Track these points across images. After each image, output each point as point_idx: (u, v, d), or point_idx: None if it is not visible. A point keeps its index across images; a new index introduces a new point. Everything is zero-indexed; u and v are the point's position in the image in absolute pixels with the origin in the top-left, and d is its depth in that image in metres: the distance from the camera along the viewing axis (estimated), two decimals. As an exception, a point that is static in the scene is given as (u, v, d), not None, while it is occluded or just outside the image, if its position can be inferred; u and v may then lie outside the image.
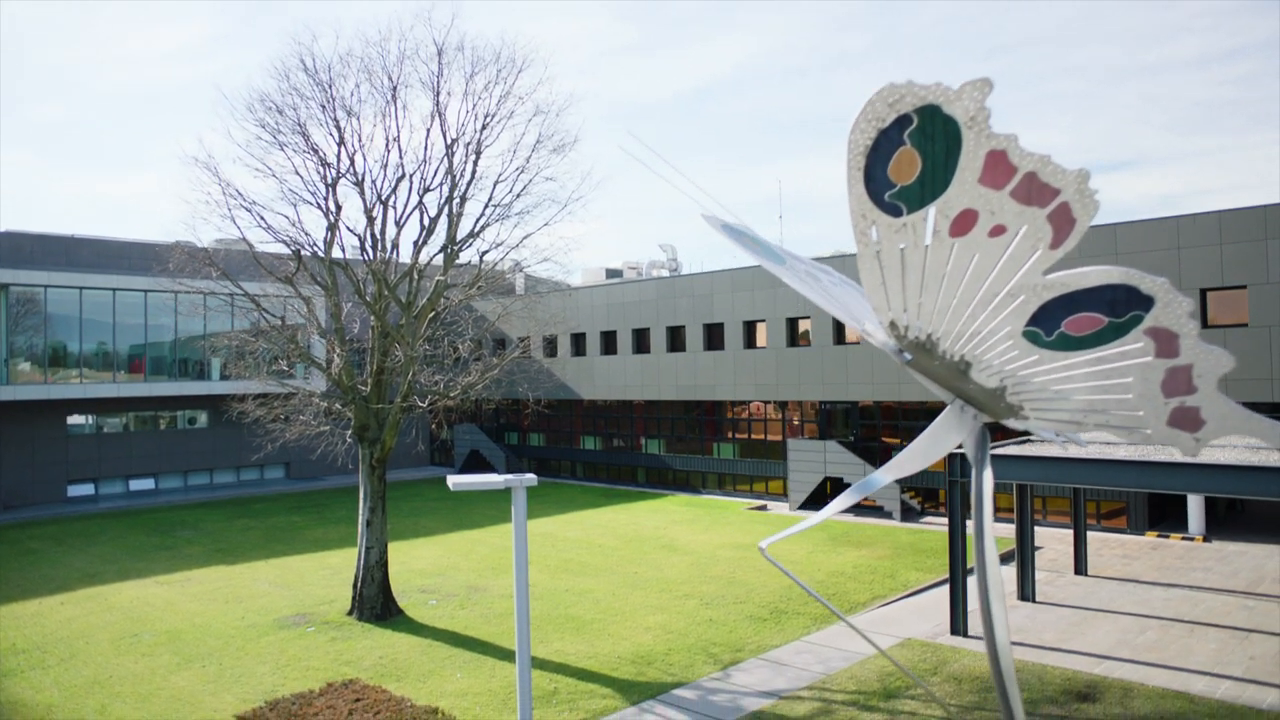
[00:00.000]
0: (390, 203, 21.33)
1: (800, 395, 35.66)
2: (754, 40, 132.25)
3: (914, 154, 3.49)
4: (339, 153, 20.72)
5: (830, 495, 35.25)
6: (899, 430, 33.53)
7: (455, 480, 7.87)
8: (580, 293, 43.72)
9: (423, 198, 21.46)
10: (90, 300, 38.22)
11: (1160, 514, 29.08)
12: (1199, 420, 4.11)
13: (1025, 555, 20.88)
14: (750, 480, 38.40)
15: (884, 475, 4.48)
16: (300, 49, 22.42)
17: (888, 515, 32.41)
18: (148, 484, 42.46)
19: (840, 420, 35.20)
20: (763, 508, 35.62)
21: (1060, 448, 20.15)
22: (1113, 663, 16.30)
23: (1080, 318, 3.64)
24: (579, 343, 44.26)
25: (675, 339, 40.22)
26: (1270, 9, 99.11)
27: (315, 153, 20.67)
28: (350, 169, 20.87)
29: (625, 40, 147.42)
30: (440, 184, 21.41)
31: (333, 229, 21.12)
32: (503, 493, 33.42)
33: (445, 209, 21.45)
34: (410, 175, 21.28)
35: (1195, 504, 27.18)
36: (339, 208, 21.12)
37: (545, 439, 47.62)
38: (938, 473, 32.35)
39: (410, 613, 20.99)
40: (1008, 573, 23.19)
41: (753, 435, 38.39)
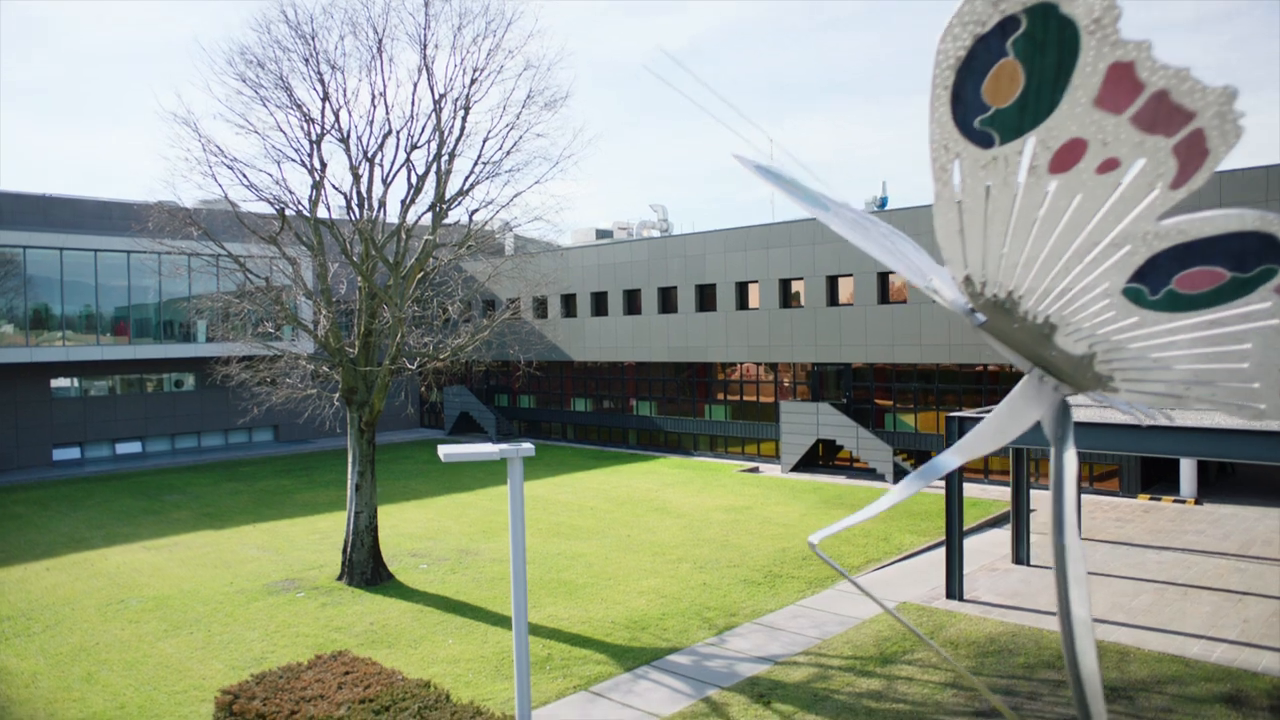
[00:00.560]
0: (377, 160, 20.78)
1: (793, 357, 35.40)
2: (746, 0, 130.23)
3: (1017, 68, 2.85)
4: (323, 108, 20.11)
5: (822, 458, 35.19)
6: (892, 393, 33.36)
7: (447, 451, 7.41)
8: (571, 253, 43.19)
9: (410, 155, 20.92)
10: (71, 261, 37.48)
11: (1152, 476, 29.08)
12: None
13: (1021, 518, 20.79)
14: (742, 442, 38.26)
15: (952, 458, 3.74)
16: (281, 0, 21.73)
17: (880, 478, 32.33)
18: (134, 447, 42.03)
19: (833, 382, 34.99)
20: (754, 470, 35.51)
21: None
22: (1109, 626, 16.23)
23: (1196, 273, 3.01)
24: (570, 304, 43.82)
25: (667, 300, 39.83)
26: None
27: (298, 108, 20.05)
28: (335, 125, 20.29)
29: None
30: (428, 141, 20.86)
31: (318, 187, 20.58)
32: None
33: (433, 166, 20.92)
34: (397, 132, 20.72)
35: (1187, 467, 27.16)
36: (324, 165, 20.57)
37: (536, 401, 47.34)
38: (930, 434, 32.26)
39: (401, 577, 20.80)
40: (1002, 536, 23.15)
41: (744, 397, 38.19)
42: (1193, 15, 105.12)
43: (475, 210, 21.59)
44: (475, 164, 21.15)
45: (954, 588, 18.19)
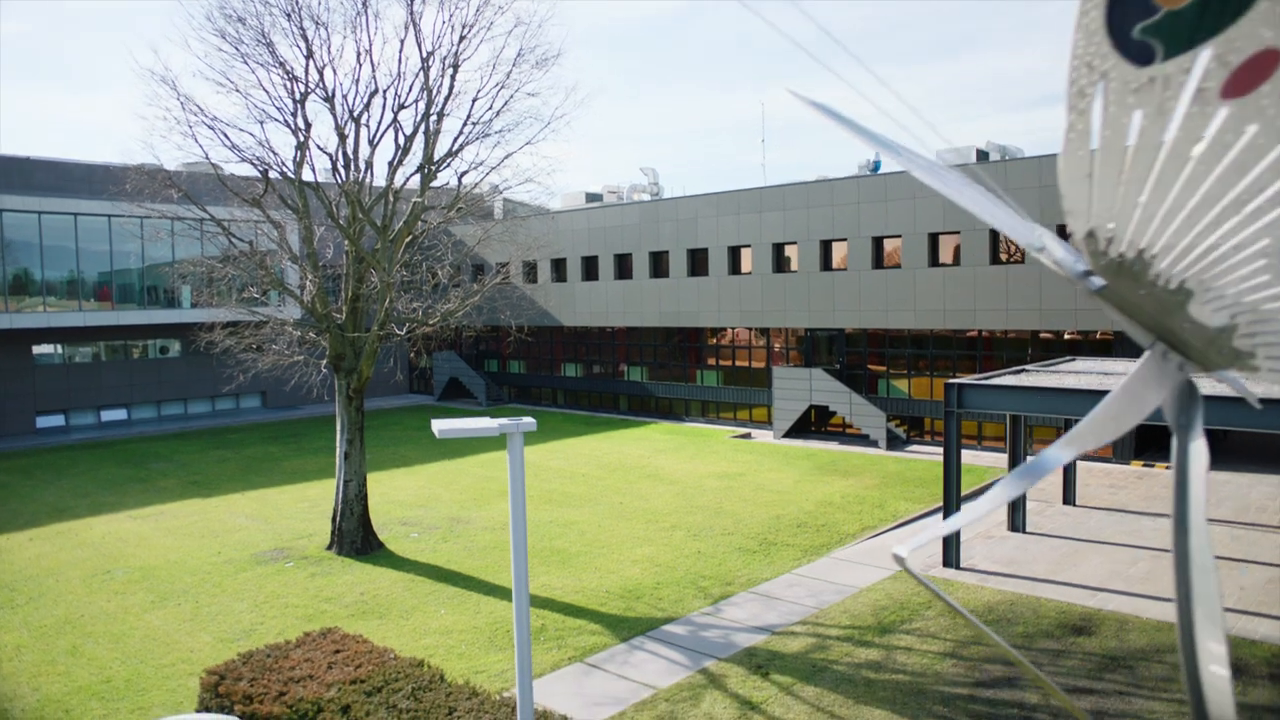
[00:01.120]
0: (363, 120, 20.19)
1: (785, 322, 35.08)
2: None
3: None
4: (307, 66, 19.46)
5: (815, 423, 35.02)
6: (885, 358, 33.12)
7: (442, 428, 6.97)
8: (561, 217, 42.56)
9: (397, 115, 20.33)
10: (51, 225, 36.67)
11: (1145, 443, 29.02)
12: None
13: (1016, 485, 20.60)
14: (734, 408, 38.04)
15: (1063, 452, 3.02)
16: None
17: (873, 444, 32.18)
18: (120, 415, 41.50)
19: (825, 347, 34.71)
20: (747, 436, 35.33)
21: (1055, 377, 19.71)
22: (1106, 595, 16.13)
23: None
24: (560, 268, 43.30)
25: (658, 264, 39.36)
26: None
27: (281, 66, 19.39)
28: (319, 84, 19.65)
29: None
30: (416, 100, 20.26)
31: (302, 148, 20.00)
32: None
33: (421, 127, 20.34)
34: (384, 91, 20.11)
35: (1182, 432, 27.04)
36: (308, 125, 19.96)
37: (526, 366, 46.96)
38: (923, 400, 32.09)
39: (391, 546, 20.55)
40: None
41: (737, 362, 37.90)
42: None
43: (465, 172, 21.07)
44: (464, 124, 20.60)
45: (951, 555, 18.07)
